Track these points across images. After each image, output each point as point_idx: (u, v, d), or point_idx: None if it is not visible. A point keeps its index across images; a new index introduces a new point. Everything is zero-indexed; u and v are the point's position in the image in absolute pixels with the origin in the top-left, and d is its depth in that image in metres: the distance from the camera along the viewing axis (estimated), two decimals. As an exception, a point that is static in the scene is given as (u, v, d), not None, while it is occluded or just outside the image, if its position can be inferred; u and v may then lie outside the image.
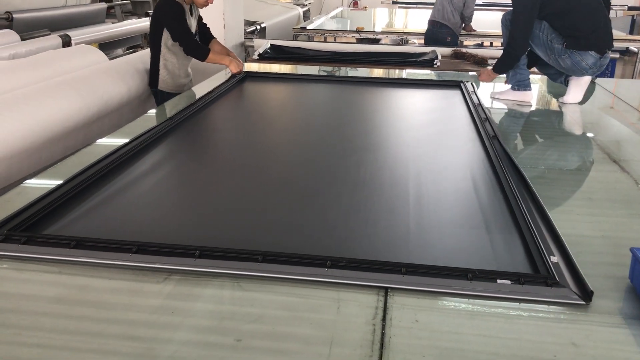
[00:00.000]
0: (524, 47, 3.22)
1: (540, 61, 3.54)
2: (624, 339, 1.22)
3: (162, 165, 2.27)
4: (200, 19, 3.96)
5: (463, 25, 6.32)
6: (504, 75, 3.51)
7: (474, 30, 6.56)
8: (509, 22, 3.25)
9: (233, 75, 3.82)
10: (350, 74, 4.18)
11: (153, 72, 3.75)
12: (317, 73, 4.20)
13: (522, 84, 3.37)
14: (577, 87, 3.30)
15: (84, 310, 1.29)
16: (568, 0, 3.08)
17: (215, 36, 4.12)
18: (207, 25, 4.06)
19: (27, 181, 2.06)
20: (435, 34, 6.09)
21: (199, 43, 3.78)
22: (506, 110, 3.27)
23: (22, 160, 2.65)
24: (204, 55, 3.70)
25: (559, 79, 3.48)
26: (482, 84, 3.72)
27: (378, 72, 4.30)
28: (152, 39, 3.72)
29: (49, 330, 1.22)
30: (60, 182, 1.95)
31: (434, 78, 4.11)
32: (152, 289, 1.37)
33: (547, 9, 3.09)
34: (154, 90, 3.80)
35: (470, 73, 4.25)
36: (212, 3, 3.80)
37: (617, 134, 2.82)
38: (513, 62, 3.30)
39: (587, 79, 3.27)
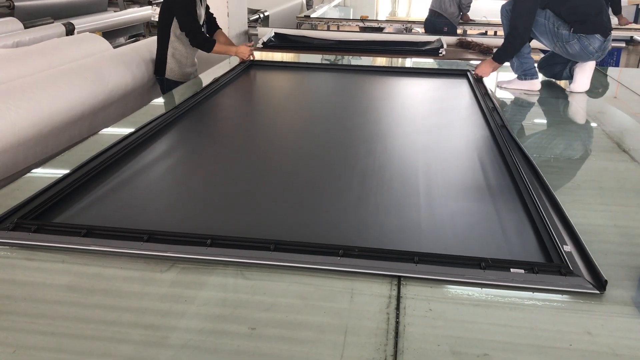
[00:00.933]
0: (525, 37, 3.22)
1: (543, 63, 3.54)
2: (638, 328, 1.21)
3: (170, 154, 2.26)
4: (207, 8, 3.95)
5: (461, 14, 6.33)
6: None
7: (472, 20, 6.56)
8: (508, 13, 3.23)
9: (243, 61, 3.85)
10: (355, 63, 4.15)
11: (160, 60, 3.73)
12: (322, 62, 4.18)
13: (528, 73, 3.35)
14: (583, 74, 3.28)
15: (96, 299, 1.29)
16: None
17: (219, 24, 4.11)
18: (214, 15, 4.04)
19: (35, 170, 2.05)
20: (433, 23, 6.16)
21: (205, 35, 3.76)
22: (513, 99, 3.25)
23: (28, 148, 2.64)
24: (209, 47, 3.69)
25: (564, 74, 3.46)
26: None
27: (383, 61, 4.28)
28: (161, 27, 3.70)
29: (61, 318, 1.22)
30: (68, 170, 1.94)
31: (440, 67, 4.09)
32: (164, 277, 1.37)
33: None
34: (160, 79, 3.78)
35: (472, 62, 4.22)
36: None
37: (626, 123, 2.81)
38: (514, 51, 3.29)
39: (591, 64, 3.26)
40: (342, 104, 3.12)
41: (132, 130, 2.37)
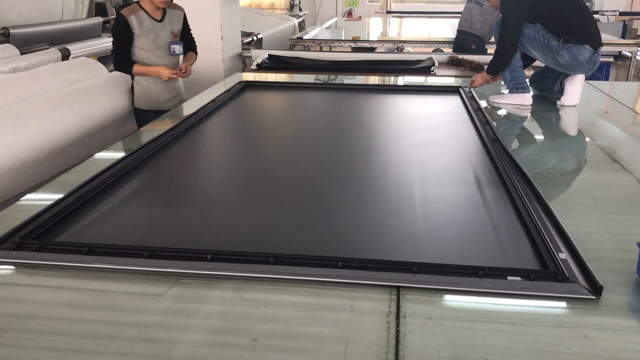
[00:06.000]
0: (513, 48, 3.31)
1: (534, 78, 3.62)
2: (635, 331, 1.23)
3: (169, 173, 2.28)
4: (186, 27, 3.74)
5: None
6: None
7: None
8: (500, 29, 3.32)
9: (235, 86, 3.83)
10: (348, 82, 4.20)
11: (132, 89, 3.61)
12: (315, 81, 4.23)
13: (520, 87, 3.41)
14: (573, 87, 3.34)
15: (99, 314, 1.30)
16: None
17: (214, 47, 4.00)
18: (193, 36, 3.83)
19: (35, 191, 2.07)
20: (461, 41, 6.18)
21: (124, 59, 3.49)
22: (505, 114, 3.30)
23: (27, 172, 2.66)
24: (129, 69, 3.48)
25: (555, 88, 3.53)
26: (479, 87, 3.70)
27: (376, 80, 4.33)
28: None
29: (65, 334, 1.23)
30: (68, 191, 1.95)
31: (433, 84, 4.14)
32: (166, 292, 1.38)
33: (538, 9, 3.18)
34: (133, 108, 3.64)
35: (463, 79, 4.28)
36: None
37: (616, 135, 2.85)
38: (505, 63, 3.38)
39: (581, 77, 3.32)
40: (336, 121, 3.16)
41: (129, 151, 2.40)
